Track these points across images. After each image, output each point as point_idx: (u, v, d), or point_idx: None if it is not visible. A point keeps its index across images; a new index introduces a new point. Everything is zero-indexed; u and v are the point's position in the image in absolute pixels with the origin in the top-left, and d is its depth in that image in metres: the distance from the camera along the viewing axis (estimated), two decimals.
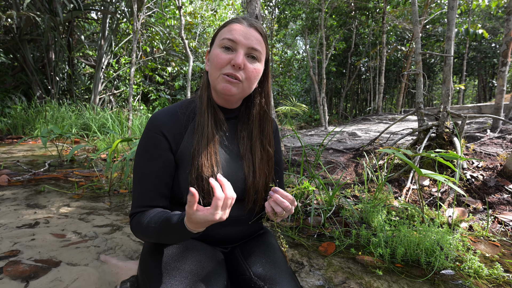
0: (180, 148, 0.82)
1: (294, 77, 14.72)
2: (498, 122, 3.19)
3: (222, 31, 0.81)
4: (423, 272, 1.22)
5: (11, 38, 7.03)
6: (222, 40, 0.78)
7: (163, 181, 0.81)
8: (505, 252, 1.38)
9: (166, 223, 0.71)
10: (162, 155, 0.80)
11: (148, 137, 0.81)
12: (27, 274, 1.11)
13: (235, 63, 0.76)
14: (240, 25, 0.79)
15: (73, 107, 7.16)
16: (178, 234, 0.70)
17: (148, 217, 0.76)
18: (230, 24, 0.80)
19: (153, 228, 0.74)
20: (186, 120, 0.84)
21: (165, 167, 0.81)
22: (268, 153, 0.92)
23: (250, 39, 0.78)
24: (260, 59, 0.82)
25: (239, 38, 0.77)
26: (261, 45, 0.81)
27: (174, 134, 0.82)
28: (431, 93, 17.98)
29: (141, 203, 0.80)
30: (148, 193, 0.80)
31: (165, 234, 0.72)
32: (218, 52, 0.79)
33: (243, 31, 0.78)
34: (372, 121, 7.58)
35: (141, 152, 0.82)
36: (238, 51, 0.78)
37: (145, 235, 0.77)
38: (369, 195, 2.00)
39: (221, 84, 0.79)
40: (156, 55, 9.64)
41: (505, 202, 1.82)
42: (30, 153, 3.92)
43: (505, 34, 3.07)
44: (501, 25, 11.52)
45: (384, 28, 8.72)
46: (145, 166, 0.81)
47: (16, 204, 1.91)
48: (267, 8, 11.40)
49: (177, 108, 0.86)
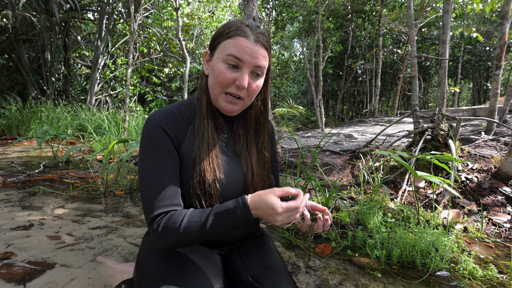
0: (181, 149, 0.80)
1: (291, 79, 14.77)
2: (492, 125, 3.23)
3: (227, 42, 0.76)
4: (418, 273, 1.22)
5: (6, 38, 6.97)
6: (228, 56, 0.75)
7: (178, 178, 0.78)
8: (499, 254, 1.40)
9: (221, 211, 0.69)
10: (171, 151, 0.78)
11: (151, 136, 0.77)
12: (21, 276, 1.10)
13: (239, 84, 0.75)
14: (247, 41, 0.75)
15: (69, 108, 7.11)
16: (236, 218, 0.68)
17: (186, 215, 0.70)
18: (237, 38, 0.75)
19: (197, 223, 0.68)
20: (185, 122, 0.83)
21: (176, 164, 0.78)
22: (264, 156, 0.92)
23: (257, 57, 0.76)
24: (263, 73, 0.81)
25: (245, 58, 0.75)
26: (266, 60, 0.79)
27: (174, 133, 0.80)
28: (426, 96, 18.13)
29: (163, 202, 0.72)
30: (167, 191, 0.74)
31: (218, 224, 0.68)
32: (222, 69, 0.76)
33: (250, 49, 0.75)
34: (369, 123, 7.62)
35: (146, 152, 0.77)
36: (243, 70, 0.76)
37: (183, 235, 0.68)
38: (365, 197, 2.01)
39: (222, 102, 0.79)
40: (153, 56, 9.62)
41: (499, 203, 1.84)
42: (25, 154, 3.88)
43: (499, 37, 3.11)
44: (495, 29, 11.67)
45: (380, 31, 8.79)
46: (155, 165, 0.75)
47: (11, 206, 1.89)
48: (264, 10, 11.44)
49: (174, 109, 0.84)
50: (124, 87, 10.07)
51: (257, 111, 0.90)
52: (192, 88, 11.66)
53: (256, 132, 0.91)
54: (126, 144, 3.35)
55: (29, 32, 7.40)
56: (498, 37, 3.12)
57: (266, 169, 0.93)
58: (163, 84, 11.43)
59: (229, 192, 0.83)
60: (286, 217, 0.66)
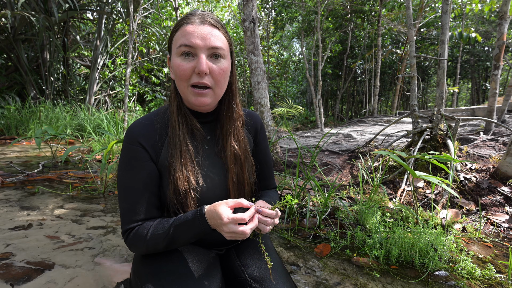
0: (160, 159, 0.79)
1: (290, 79, 14.78)
2: (491, 125, 3.24)
3: (175, 36, 0.75)
4: (417, 273, 1.23)
5: (5, 38, 6.95)
6: (179, 48, 0.73)
7: (152, 191, 0.78)
8: (498, 253, 1.40)
9: (181, 222, 0.69)
10: (145, 166, 0.77)
11: (128, 150, 0.78)
12: (20, 276, 1.10)
13: (199, 70, 0.71)
14: (192, 25, 0.72)
15: (68, 108, 7.10)
16: (194, 229, 0.69)
17: (150, 228, 0.73)
18: (182, 27, 0.74)
19: (161, 234, 0.71)
20: (162, 129, 0.81)
21: (150, 178, 0.78)
22: (242, 149, 0.87)
23: (207, 38, 0.72)
24: (225, 55, 0.77)
25: (195, 42, 0.71)
26: (221, 40, 0.75)
27: (152, 144, 0.79)
28: (425, 96, 18.16)
29: (134, 217, 0.76)
30: (139, 206, 0.76)
31: (179, 234, 0.70)
32: (178, 62, 0.73)
33: (197, 32, 0.72)
34: (368, 123, 7.63)
35: (123, 166, 0.78)
36: (199, 55, 0.72)
37: (150, 246, 0.73)
38: (364, 196, 2.02)
39: (191, 98, 0.76)
40: (152, 56, 9.61)
41: (498, 203, 1.85)
42: (24, 154, 3.87)
43: (497, 38, 3.12)
44: (493, 29, 11.69)
45: (379, 31, 8.80)
46: (131, 179, 0.77)
47: (9, 206, 1.89)
48: (263, 10, 11.44)
49: (153, 117, 0.82)
50: (123, 87, 10.05)
51: (227, 104, 0.85)
52: None
53: (230, 125, 0.86)
54: None
55: (28, 31, 7.39)
56: (497, 37, 3.13)
57: (249, 161, 0.90)
58: (162, 84, 11.42)
59: (210, 198, 0.82)
60: (232, 230, 0.65)
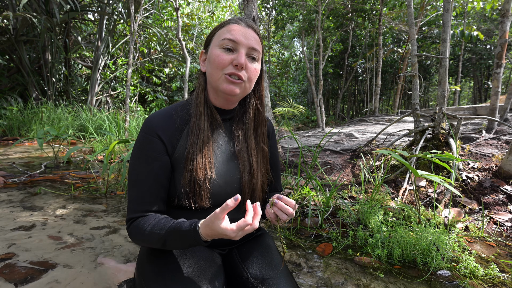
0: (176, 151, 0.81)
1: (292, 78, 14.77)
2: (493, 123, 3.22)
3: (220, 31, 0.81)
4: (419, 272, 1.22)
5: (7, 39, 6.98)
6: (222, 40, 0.78)
7: (161, 184, 0.80)
8: (501, 252, 1.40)
9: (175, 230, 0.69)
10: (159, 158, 0.79)
11: (144, 140, 0.79)
12: (23, 276, 1.11)
13: (238, 63, 0.77)
14: (238, 25, 0.79)
15: (70, 109, 7.12)
16: (187, 241, 0.69)
17: (151, 224, 0.75)
18: (229, 25, 0.80)
19: (157, 235, 0.72)
20: (181, 123, 0.83)
21: (162, 170, 0.80)
22: (263, 150, 0.92)
23: (250, 39, 0.79)
24: (259, 59, 0.83)
25: (240, 38, 0.78)
26: (259, 45, 0.82)
27: (170, 136, 0.80)
28: (427, 95, 18.10)
29: (139, 207, 0.78)
30: (146, 197, 0.78)
31: (172, 241, 0.71)
32: (218, 52, 0.78)
33: (242, 32, 0.79)
34: (369, 122, 7.61)
35: (137, 155, 0.80)
36: (240, 51, 0.78)
37: (147, 241, 0.75)
38: (366, 196, 2.01)
39: (223, 84, 0.79)
40: (153, 56, 9.62)
41: (500, 202, 1.84)
42: (26, 155, 3.89)
43: (499, 36, 3.10)
44: (495, 27, 11.64)
45: (380, 30, 8.78)
46: (142, 169, 0.79)
47: (12, 206, 1.90)
48: (264, 9, 11.43)
49: (172, 110, 0.84)
50: (124, 87, 10.07)
51: (255, 107, 0.91)
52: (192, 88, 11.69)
53: (254, 128, 0.91)
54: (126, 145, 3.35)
55: (29, 33, 7.41)
56: (499, 35, 3.11)
57: (266, 163, 0.93)
58: (164, 84, 11.44)
59: (222, 194, 0.83)
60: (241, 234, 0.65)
